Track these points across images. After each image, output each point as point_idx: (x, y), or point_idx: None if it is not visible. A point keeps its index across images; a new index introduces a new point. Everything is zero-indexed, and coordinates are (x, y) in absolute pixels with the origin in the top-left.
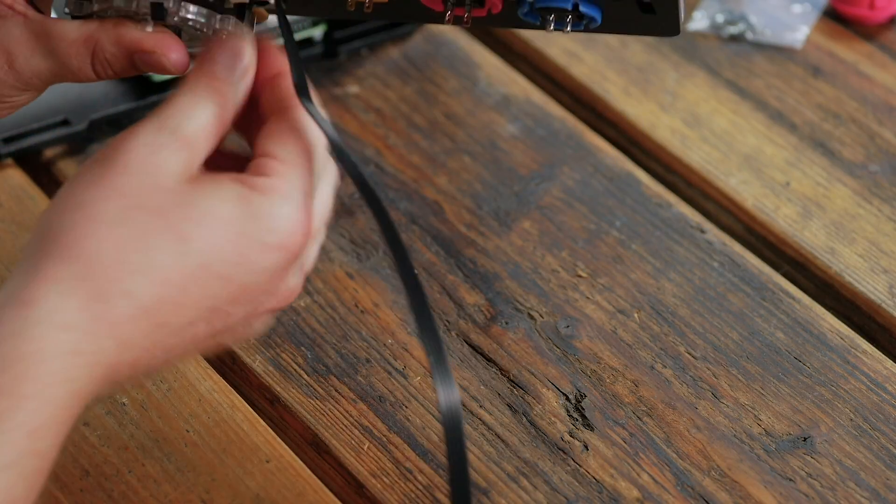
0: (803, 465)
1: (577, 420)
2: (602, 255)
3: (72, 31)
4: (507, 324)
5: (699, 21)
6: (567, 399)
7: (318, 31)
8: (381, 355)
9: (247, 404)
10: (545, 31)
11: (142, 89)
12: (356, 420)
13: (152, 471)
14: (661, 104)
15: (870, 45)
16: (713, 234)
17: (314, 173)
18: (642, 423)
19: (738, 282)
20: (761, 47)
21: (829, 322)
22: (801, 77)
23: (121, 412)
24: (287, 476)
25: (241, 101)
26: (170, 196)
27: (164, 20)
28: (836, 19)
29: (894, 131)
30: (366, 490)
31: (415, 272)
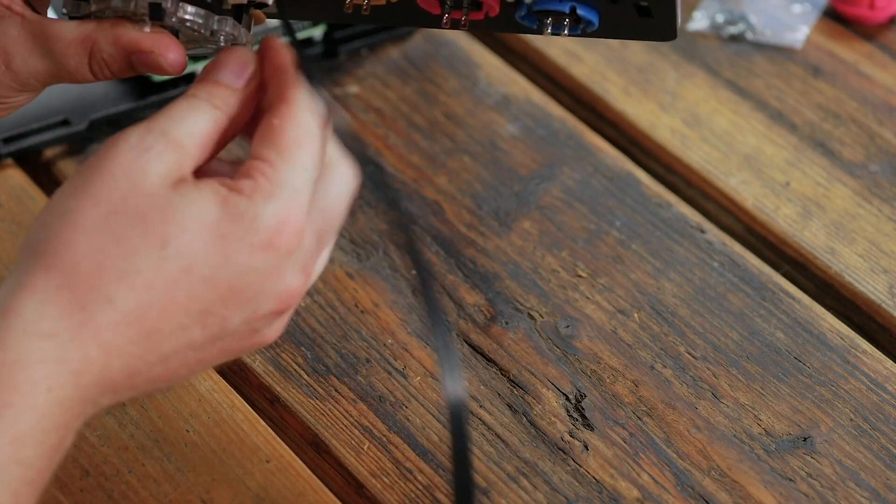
0: (803, 465)
1: (577, 420)
2: (602, 255)
3: (69, 32)
4: (507, 324)
5: (699, 21)
6: (567, 399)
7: (318, 32)
8: (381, 355)
9: (247, 404)
10: (542, 35)
11: (142, 89)
12: (356, 420)
13: (152, 471)
14: (661, 104)
15: (870, 45)
16: (713, 234)
17: (310, 170)
18: (642, 423)
19: (738, 282)
20: (761, 47)
21: (829, 322)
22: (801, 77)
23: (121, 412)
24: (287, 476)
25: (246, 108)
26: (150, 200)
27: (162, 21)
28: (836, 19)
29: (894, 131)
30: (366, 490)
31: (423, 257)
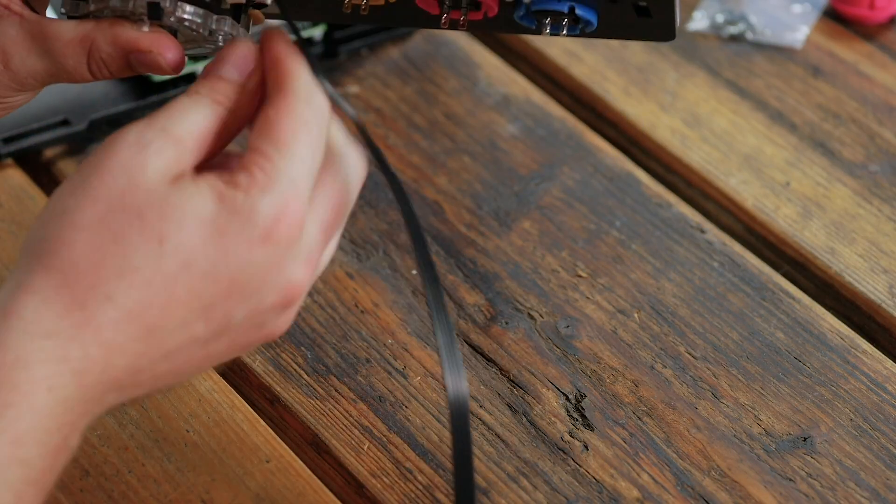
0: (803, 465)
1: (577, 420)
2: (602, 255)
3: (68, 31)
4: (507, 324)
5: (699, 21)
6: (567, 399)
7: (318, 32)
8: (381, 355)
9: (247, 404)
10: (541, 36)
11: (142, 89)
12: (356, 420)
13: (152, 471)
14: (661, 104)
15: (870, 45)
16: (713, 234)
17: (308, 161)
18: (642, 423)
19: (738, 282)
20: (761, 47)
21: (829, 322)
22: (801, 77)
23: (121, 412)
24: (287, 476)
25: (251, 102)
26: (148, 196)
27: (161, 20)
28: (836, 19)
29: (894, 131)
30: (366, 490)
31: (430, 254)
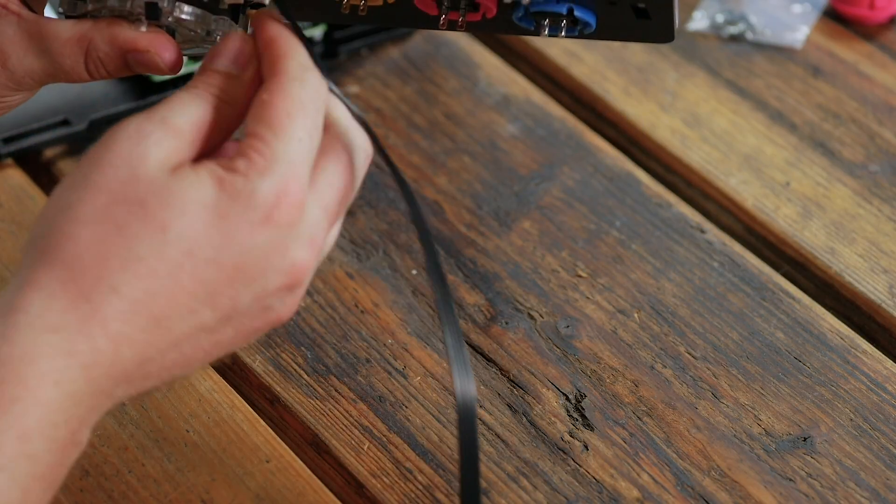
0: (803, 465)
1: (577, 420)
2: (602, 255)
3: (65, 31)
4: (507, 324)
5: (699, 21)
6: (567, 399)
7: (317, 32)
8: (381, 355)
9: (247, 404)
10: (540, 37)
11: (142, 89)
12: (356, 420)
13: (152, 471)
14: (661, 104)
15: (870, 45)
16: (713, 234)
17: (305, 140)
18: (642, 423)
19: (738, 282)
20: (761, 47)
21: (829, 322)
22: (801, 77)
23: (121, 412)
24: (287, 476)
25: (250, 92)
26: (149, 186)
27: (159, 20)
28: (836, 19)
29: (894, 131)
30: (366, 490)
31: (437, 256)
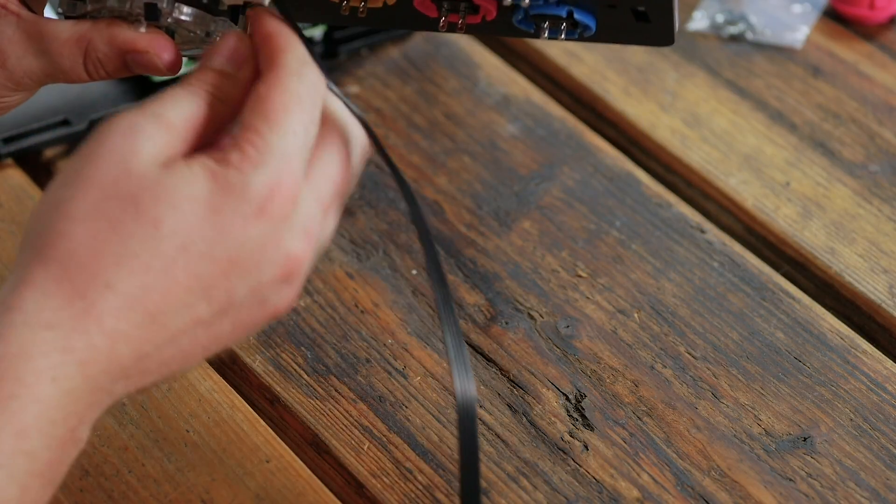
0: (803, 465)
1: (577, 420)
2: (602, 255)
3: (64, 31)
4: (507, 324)
5: (699, 21)
6: (567, 399)
7: (318, 32)
8: (381, 355)
9: (247, 404)
10: (539, 39)
11: (142, 90)
12: (356, 420)
13: (152, 471)
14: (661, 104)
15: (870, 45)
16: (713, 234)
17: (301, 134)
18: (642, 423)
19: (738, 282)
20: (761, 47)
21: (829, 322)
22: (801, 77)
23: (121, 412)
24: (287, 476)
25: (244, 94)
26: (141, 181)
27: (158, 21)
28: (836, 19)
29: (894, 131)
30: (366, 490)
31: (437, 257)
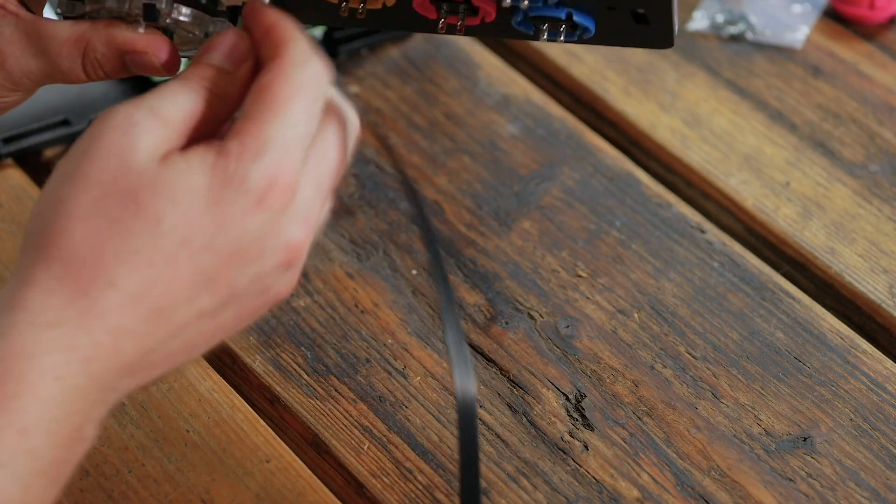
0: (803, 465)
1: (577, 420)
2: (602, 255)
3: (63, 31)
4: (507, 324)
5: (699, 21)
6: (567, 399)
7: (318, 31)
8: (381, 355)
9: (247, 404)
10: (538, 41)
11: (142, 90)
12: (356, 420)
13: (152, 471)
14: (661, 104)
15: (870, 45)
16: (713, 234)
17: (302, 125)
18: (642, 423)
19: (738, 282)
20: (761, 47)
21: (829, 322)
22: (801, 77)
23: (121, 412)
24: (287, 476)
25: (242, 89)
26: (140, 177)
27: (157, 22)
28: (836, 19)
29: (894, 131)
30: (366, 490)
31: (440, 255)
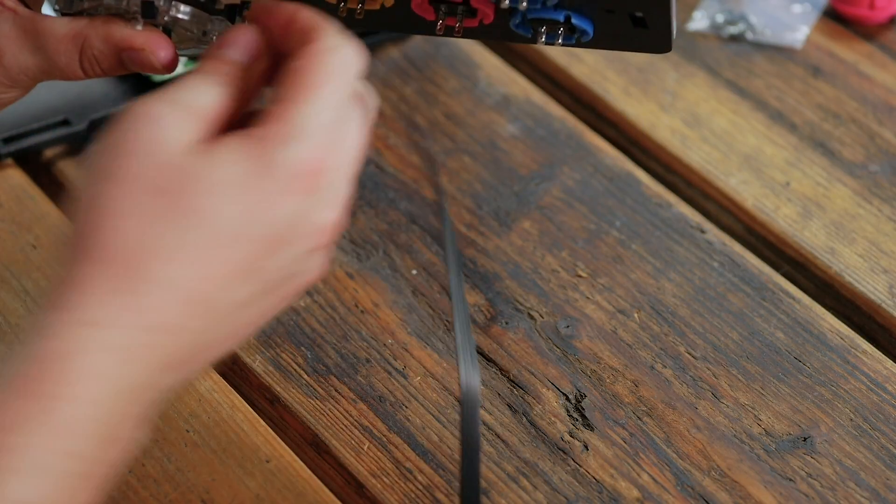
0: (803, 465)
1: (577, 420)
2: (602, 255)
3: (60, 28)
4: (507, 324)
5: (699, 21)
6: (567, 399)
7: None
8: (381, 355)
9: (247, 404)
10: (536, 45)
11: (142, 89)
12: (356, 420)
13: (152, 471)
14: (661, 104)
15: (870, 45)
16: (713, 234)
17: (333, 109)
18: (642, 423)
19: (738, 282)
20: (761, 47)
21: (829, 322)
22: (801, 77)
23: None
24: (287, 476)
25: (254, 86)
26: (177, 172)
27: (155, 19)
28: (836, 19)
29: (894, 131)
30: (366, 490)
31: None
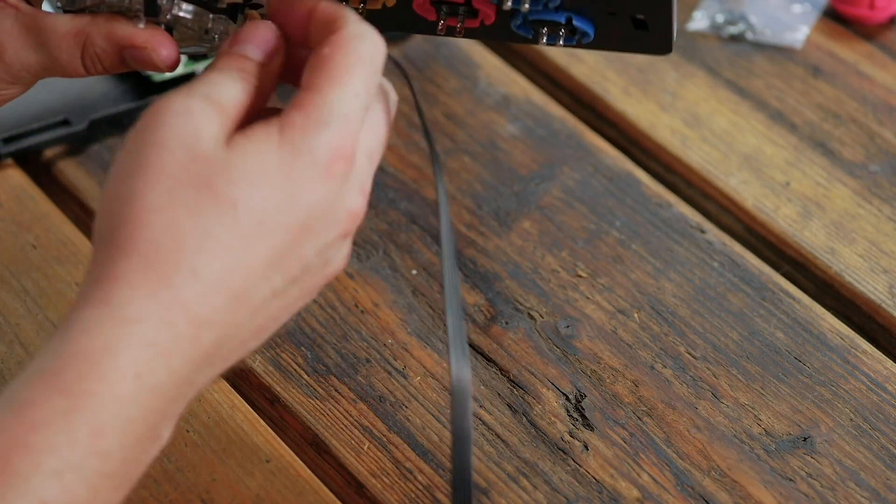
0: (803, 465)
1: (577, 420)
2: (602, 255)
3: (63, 25)
4: (507, 324)
5: (699, 21)
6: (567, 399)
7: None
8: (381, 355)
9: (247, 404)
10: (537, 46)
11: (142, 89)
12: (356, 420)
13: (152, 471)
14: (661, 104)
15: (870, 45)
16: (713, 234)
17: (362, 96)
18: (642, 423)
19: (738, 282)
20: (761, 47)
21: (829, 322)
22: (801, 77)
23: None
24: (287, 476)
25: (271, 84)
26: (210, 164)
27: (157, 17)
28: (836, 19)
29: (894, 131)
30: (366, 490)
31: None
